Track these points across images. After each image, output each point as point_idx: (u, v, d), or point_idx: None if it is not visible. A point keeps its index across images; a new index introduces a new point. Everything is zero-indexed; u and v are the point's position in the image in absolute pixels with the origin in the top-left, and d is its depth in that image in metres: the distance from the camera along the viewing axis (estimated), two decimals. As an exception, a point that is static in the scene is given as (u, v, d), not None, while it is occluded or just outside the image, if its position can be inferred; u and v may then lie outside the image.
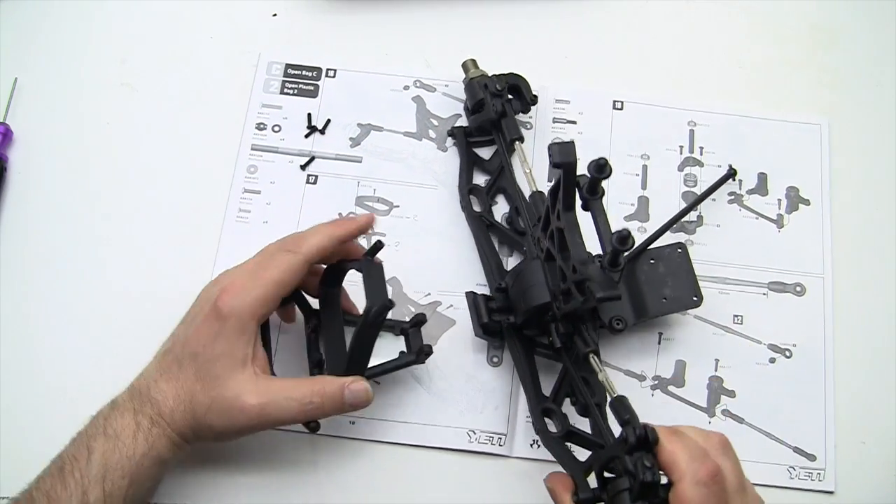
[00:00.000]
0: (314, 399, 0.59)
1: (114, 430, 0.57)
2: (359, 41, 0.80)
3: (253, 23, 0.80)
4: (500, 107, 0.73)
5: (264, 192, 0.74)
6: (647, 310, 0.69)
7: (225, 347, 0.58)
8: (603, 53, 0.81)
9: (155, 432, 0.57)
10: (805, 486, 0.68)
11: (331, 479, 0.67)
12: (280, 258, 0.61)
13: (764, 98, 0.79)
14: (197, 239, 0.73)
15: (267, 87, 0.78)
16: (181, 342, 0.60)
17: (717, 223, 0.75)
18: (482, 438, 0.68)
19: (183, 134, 0.76)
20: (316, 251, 0.61)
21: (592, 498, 0.57)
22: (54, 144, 0.76)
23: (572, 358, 0.65)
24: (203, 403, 0.58)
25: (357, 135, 0.77)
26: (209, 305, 0.59)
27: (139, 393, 0.59)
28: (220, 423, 0.58)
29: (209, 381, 0.58)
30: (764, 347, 0.71)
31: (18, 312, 0.71)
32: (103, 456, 0.56)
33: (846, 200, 0.76)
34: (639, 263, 0.70)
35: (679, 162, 0.77)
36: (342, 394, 0.60)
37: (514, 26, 0.75)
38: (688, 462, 0.51)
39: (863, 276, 0.74)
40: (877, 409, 0.70)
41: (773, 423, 0.69)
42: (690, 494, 0.50)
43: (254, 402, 0.58)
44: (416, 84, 0.79)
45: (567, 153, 0.57)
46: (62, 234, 0.73)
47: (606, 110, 0.78)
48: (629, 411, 0.57)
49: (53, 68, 0.79)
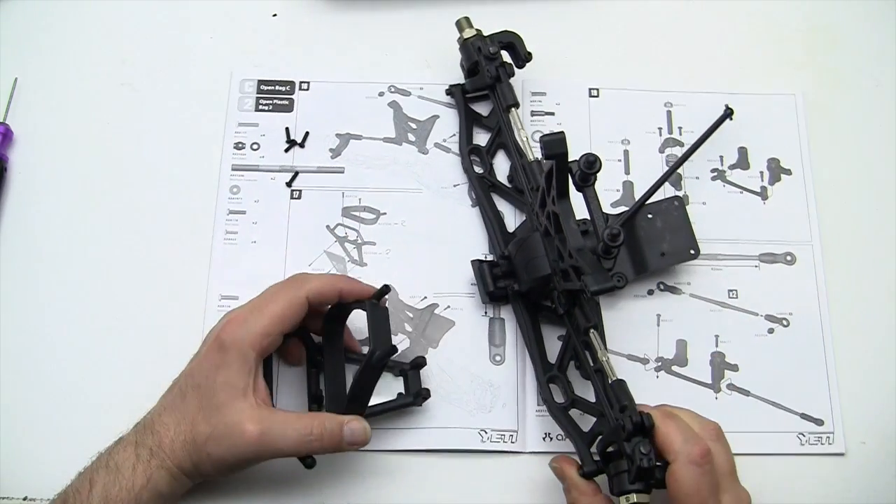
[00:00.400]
0: (314, 432, 0.59)
1: (115, 462, 0.58)
2: (329, 51, 0.80)
3: (224, 48, 0.80)
4: (495, 71, 0.74)
5: (249, 211, 0.74)
6: (647, 265, 0.70)
7: (226, 377, 0.59)
8: (575, 42, 0.81)
9: (154, 464, 0.58)
10: (816, 451, 0.68)
11: (345, 491, 0.66)
12: (282, 294, 0.62)
13: (737, 74, 0.80)
14: (188, 260, 0.72)
15: (241, 106, 0.77)
16: (187, 374, 0.61)
17: (702, 201, 0.75)
18: (494, 437, 0.68)
19: (177, 140, 0.76)
20: (316, 292, 0.62)
21: (596, 470, 0.60)
22: (54, 144, 0.76)
23: (574, 324, 0.67)
24: (203, 432, 0.58)
25: (337, 145, 0.76)
26: (213, 337, 0.61)
27: (143, 426, 0.60)
28: (220, 451, 0.58)
29: (211, 409, 0.59)
30: (761, 319, 0.72)
31: (18, 312, 0.70)
32: (104, 489, 0.57)
33: (826, 167, 0.77)
34: (637, 219, 0.71)
35: (660, 144, 0.77)
36: (341, 431, 0.60)
37: (483, 23, 0.75)
38: (681, 443, 0.56)
39: (850, 239, 0.75)
40: (878, 367, 0.71)
41: (778, 392, 0.70)
42: (684, 472, 0.55)
43: (254, 429, 0.58)
44: (391, 89, 0.78)
45: (558, 145, 0.58)
46: (62, 233, 0.73)
47: (583, 99, 0.78)
48: (627, 397, 0.61)
49: (53, 68, 0.78)
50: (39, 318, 0.70)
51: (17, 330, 0.70)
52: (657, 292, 0.73)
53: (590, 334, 0.66)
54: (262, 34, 0.80)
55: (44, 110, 0.77)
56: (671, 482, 0.55)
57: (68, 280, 0.71)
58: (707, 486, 0.55)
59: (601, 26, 0.82)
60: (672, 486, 0.55)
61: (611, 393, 0.63)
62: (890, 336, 0.72)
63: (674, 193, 0.74)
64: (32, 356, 0.69)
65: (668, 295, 0.72)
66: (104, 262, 0.72)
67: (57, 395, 0.68)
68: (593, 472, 0.61)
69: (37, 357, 0.69)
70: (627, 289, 0.72)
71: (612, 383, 0.63)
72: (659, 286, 0.73)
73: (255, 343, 0.60)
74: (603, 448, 0.61)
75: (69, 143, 0.76)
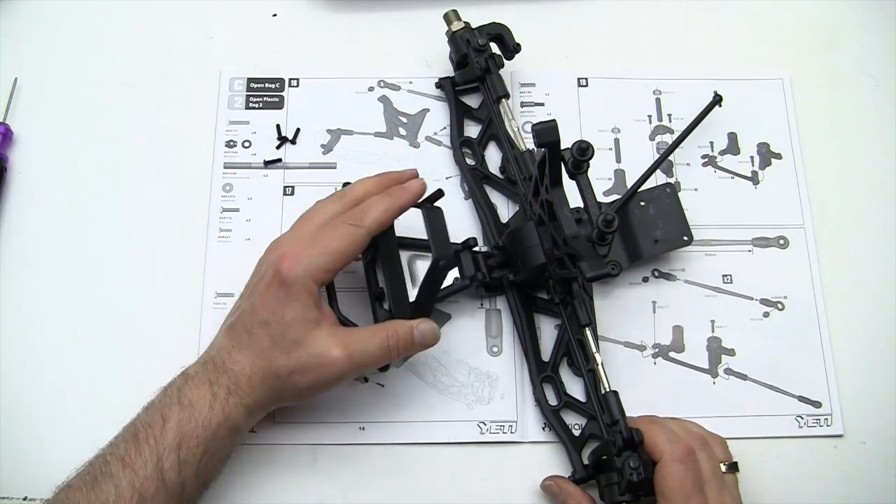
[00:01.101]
0: (390, 342, 0.60)
1: (189, 400, 0.58)
2: (318, 48, 0.80)
3: (209, 47, 0.80)
4: (484, 63, 0.74)
5: (243, 209, 0.74)
6: (641, 252, 0.71)
7: (295, 312, 0.59)
8: (562, 32, 0.81)
9: (232, 402, 0.59)
10: (814, 432, 0.69)
11: (343, 485, 0.66)
12: (344, 230, 0.61)
13: (725, 59, 0.80)
14: (184, 258, 0.72)
15: (231, 104, 0.77)
16: (248, 312, 0.61)
17: (694, 187, 0.76)
18: (493, 428, 0.68)
19: (172, 139, 0.76)
20: (378, 226, 0.62)
21: (587, 477, 0.64)
22: (54, 144, 0.76)
23: (569, 317, 0.68)
24: (285, 367, 0.59)
25: (328, 141, 0.76)
26: (271, 273, 0.60)
27: (213, 364, 0.60)
28: (308, 380, 0.59)
29: (288, 344, 0.59)
30: (756, 303, 0.72)
31: (18, 312, 0.70)
32: (178, 424, 0.57)
33: (816, 150, 0.77)
34: (629, 207, 0.72)
35: (650, 131, 0.77)
36: (412, 335, 0.61)
37: (471, 16, 0.75)
38: (665, 443, 0.60)
39: (842, 221, 0.75)
40: (873, 348, 0.71)
41: (775, 375, 0.70)
42: (669, 470, 0.58)
43: (340, 353, 0.59)
44: (381, 84, 0.78)
45: (550, 132, 0.59)
46: (62, 233, 0.73)
47: (572, 89, 0.79)
48: (619, 413, 0.63)
49: (53, 68, 0.78)
50: (38, 317, 0.70)
51: (16, 329, 0.70)
52: (652, 279, 0.73)
53: (585, 332, 0.67)
54: (255, 33, 0.80)
55: (44, 110, 0.77)
56: (658, 480, 0.59)
57: (67, 280, 0.71)
58: (691, 482, 0.58)
59: (589, 16, 0.82)
60: (659, 484, 0.59)
61: (603, 403, 0.64)
62: (884, 316, 0.72)
63: (665, 180, 0.75)
64: (32, 356, 0.69)
65: (662, 282, 0.73)
66: (102, 262, 0.72)
67: (57, 394, 0.68)
68: (584, 479, 0.64)
69: (36, 356, 0.69)
70: (622, 276, 0.72)
71: (604, 395, 0.65)
72: (654, 273, 0.73)
73: (318, 278, 0.60)
74: (596, 458, 0.64)
75: (69, 143, 0.75)
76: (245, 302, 0.62)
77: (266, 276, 0.61)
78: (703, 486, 0.58)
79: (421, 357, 0.69)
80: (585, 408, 0.67)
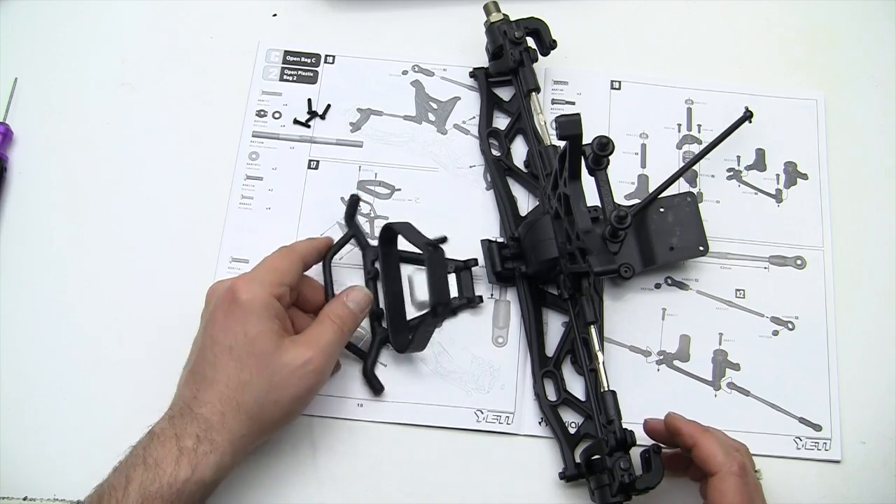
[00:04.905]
0: (337, 322, 0.62)
1: (154, 459, 0.56)
2: (356, 34, 0.80)
3: (252, 22, 0.80)
4: (518, 55, 0.74)
5: (266, 178, 0.75)
6: (655, 258, 0.71)
7: (260, 325, 0.59)
8: (600, 34, 0.81)
9: (202, 451, 0.56)
10: (812, 455, 0.68)
11: (338, 460, 0.67)
12: (279, 253, 0.64)
13: (760, 75, 0.80)
14: (201, 228, 0.73)
15: (266, 75, 0.78)
16: (209, 345, 0.59)
17: (716, 199, 0.75)
18: (490, 417, 0.68)
19: (183, 129, 0.76)
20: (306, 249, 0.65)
21: (577, 475, 0.65)
22: (54, 144, 0.76)
23: (576, 313, 0.68)
24: (259, 385, 0.58)
25: (357, 119, 0.77)
26: (226, 300, 0.60)
27: (180, 416, 0.58)
28: (289, 392, 0.59)
29: (256, 361, 0.58)
30: (767, 320, 0.72)
31: (19, 312, 0.70)
32: (141, 485, 0.55)
33: (843, 174, 0.77)
34: (648, 212, 0.72)
35: (678, 140, 0.77)
36: (348, 308, 0.63)
37: (511, 9, 0.75)
38: (723, 456, 0.59)
39: (862, 248, 0.74)
40: (880, 378, 0.71)
41: (778, 394, 0.70)
42: (729, 484, 0.58)
43: (311, 352, 0.59)
44: (415, 69, 0.79)
45: (573, 126, 0.59)
46: (62, 233, 0.73)
47: (604, 90, 0.79)
48: (615, 411, 0.63)
49: (53, 68, 0.78)
50: (39, 317, 0.70)
51: (16, 329, 0.70)
52: (664, 286, 0.73)
53: (590, 330, 0.66)
54: (288, 15, 0.81)
55: (44, 110, 0.77)
56: (716, 495, 0.58)
57: (68, 279, 0.71)
58: (748, 497, 0.58)
59: (627, 20, 0.82)
60: (717, 498, 0.58)
61: (600, 402, 0.64)
62: (894, 346, 0.71)
63: (688, 190, 0.74)
64: (32, 356, 0.69)
65: (675, 290, 0.73)
66: (103, 262, 0.72)
67: (57, 395, 0.68)
68: (573, 477, 0.65)
69: (36, 357, 0.69)
70: (635, 281, 0.72)
71: (602, 393, 0.65)
72: (667, 280, 0.73)
73: (274, 292, 0.61)
74: (587, 457, 0.64)
75: (69, 142, 0.75)
76: (203, 338, 0.60)
77: (220, 305, 0.60)
78: (754, 498, 0.59)
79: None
80: (584, 406, 0.68)
